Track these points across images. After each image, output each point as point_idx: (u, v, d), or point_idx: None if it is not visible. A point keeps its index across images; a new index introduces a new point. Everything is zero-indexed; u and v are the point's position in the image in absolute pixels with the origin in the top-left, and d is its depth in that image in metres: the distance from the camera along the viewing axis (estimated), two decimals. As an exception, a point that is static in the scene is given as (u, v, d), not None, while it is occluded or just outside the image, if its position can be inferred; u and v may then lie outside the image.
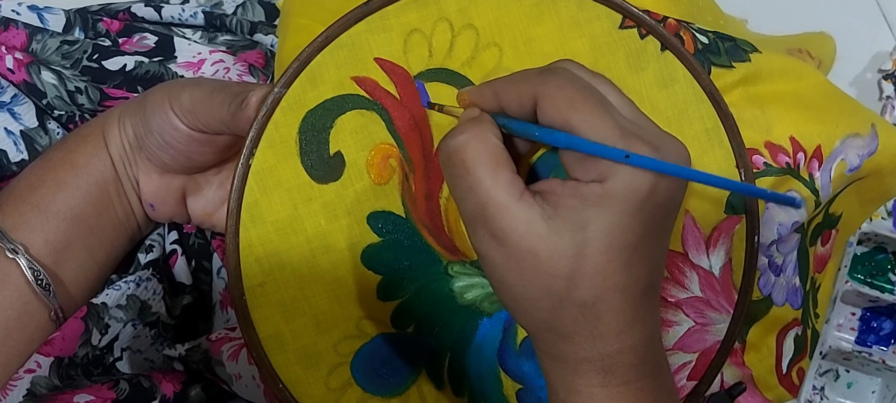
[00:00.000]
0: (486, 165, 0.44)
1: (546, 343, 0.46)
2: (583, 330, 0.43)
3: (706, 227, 0.57)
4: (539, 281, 0.43)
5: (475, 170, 0.44)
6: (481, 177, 0.43)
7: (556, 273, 0.42)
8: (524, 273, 0.43)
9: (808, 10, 0.92)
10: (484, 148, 0.44)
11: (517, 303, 0.45)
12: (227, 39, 0.77)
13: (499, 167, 0.44)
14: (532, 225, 0.42)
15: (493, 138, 0.45)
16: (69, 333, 0.55)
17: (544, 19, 0.55)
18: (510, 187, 0.43)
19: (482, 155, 0.44)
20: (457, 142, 0.45)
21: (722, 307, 0.56)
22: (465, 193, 0.44)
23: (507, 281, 0.44)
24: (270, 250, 0.53)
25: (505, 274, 0.44)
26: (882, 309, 0.81)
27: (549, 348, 0.46)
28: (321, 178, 0.53)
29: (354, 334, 0.54)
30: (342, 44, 0.53)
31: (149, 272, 0.62)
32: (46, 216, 0.56)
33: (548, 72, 0.44)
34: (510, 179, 0.43)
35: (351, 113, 0.54)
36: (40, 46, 0.68)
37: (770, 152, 0.59)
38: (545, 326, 0.45)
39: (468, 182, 0.44)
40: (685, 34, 0.59)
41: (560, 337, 0.44)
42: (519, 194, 0.43)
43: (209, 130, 0.56)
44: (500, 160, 0.44)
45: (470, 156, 0.44)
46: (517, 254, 0.43)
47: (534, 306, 0.44)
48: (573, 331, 0.44)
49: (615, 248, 0.42)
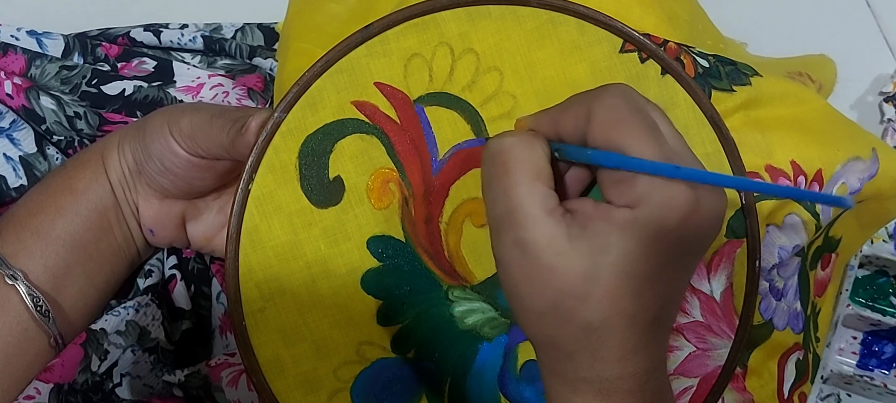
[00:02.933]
0: (526, 172, 0.43)
1: (548, 358, 0.46)
2: (584, 351, 0.43)
3: (707, 251, 0.56)
4: (549, 297, 0.42)
5: (514, 173, 0.43)
6: (518, 182, 0.43)
7: (567, 291, 0.42)
8: (537, 286, 0.43)
9: (809, 32, 0.92)
10: (529, 155, 0.44)
11: (525, 314, 0.45)
12: (226, 63, 0.77)
13: (538, 177, 0.43)
14: (555, 241, 0.42)
15: (541, 150, 0.45)
16: (68, 359, 0.55)
17: (545, 44, 0.55)
18: (544, 200, 0.43)
19: (526, 162, 0.44)
20: (504, 143, 0.45)
21: (723, 332, 0.56)
22: (498, 195, 0.44)
23: (520, 290, 0.44)
24: (270, 275, 0.53)
25: (518, 283, 0.44)
26: (883, 332, 0.81)
27: (551, 363, 0.45)
28: (321, 203, 0.53)
29: (355, 359, 0.54)
30: (342, 68, 0.53)
31: (148, 297, 0.62)
32: (46, 242, 0.56)
33: (602, 91, 0.44)
34: (545, 193, 0.43)
35: (351, 137, 0.53)
36: (39, 71, 0.68)
37: (771, 176, 0.59)
38: (549, 341, 0.44)
39: (504, 184, 0.44)
40: (685, 58, 0.59)
41: (562, 354, 0.44)
42: (550, 209, 0.43)
43: (209, 155, 0.56)
44: (541, 171, 0.44)
45: (513, 160, 0.44)
46: (535, 267, 0.42)
47: (540, 320, 0.44)
48: (575, 350, 0.43)
49: (629, 275, 0.41)
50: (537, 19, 0.55)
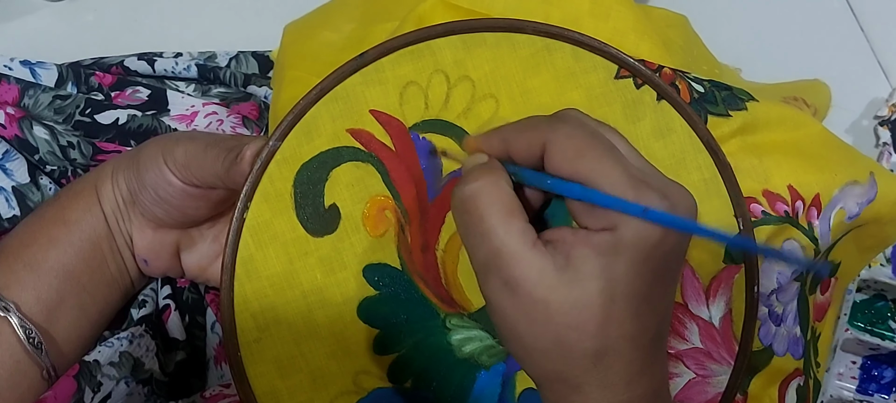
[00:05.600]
0: (499, 213, 0.43)
1: (554, 394, 0.45)
2: (593, 381, 0.43)
3: (705, 277, 0.56)
4: (550, 332, 0.42)
5: (488, 217, 0.43)
6: (494, 225, 0.43)
7: (567, 323, 0.41)
8: (535, 324, 0.42)
9: (803, 57, 0.93)
10: (497, 195, 0.44)
11: (527, 354, 0.44)
12: (220, 92, 0.77)
13: (512, 215, 0.43)
14: (544, 274, 0.42)
15: (506, 186, 0.44)
16: (61, 392, 0.55)
17: (540, 71, 0.55)
18: (523, 236, 0.42)
19: (496, 203, 0.43)
20: (470, 189, 0.44)
21: (722, 358, 0.56)
22: (477, 241, 0.44)
23: (518, 331, 0.43)
24: (266, 305, 0.53)
25: (515, 324, 0.43)
26: (883, 356, 0.81)
27: (558, 398, 0.45)
28: (317, 232, 0.53)
29: (351, 389, 0.54)
30: (337, 96, 0.53)
31: (142, 328, 0.62)
32: (38, 274, 0.56)
33: (556, 120, 0.44)
34: (523, 228, 0.43)
35: (346, 165, 0.53)
36: (32, 101, 0.68)
37: (768, 201, 0.59)
38: (555, 376, 0.44)
39: (481, 229, 0.43)
40: (681, 83, 0.59)
41: (569, 388, 0.44)
42: (532, 243, 0.42)
43: (203, 185, 0.55)
44: (513, 208, 0.43)
45: (483, 204, 0.43)
46: (529, 304, 0.42)
47: (544, 357, 0.43)
48: (583, 382, 0.43)
49: (626, 297, 0.41)
50: (532, 46, 0.55)
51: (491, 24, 0.54)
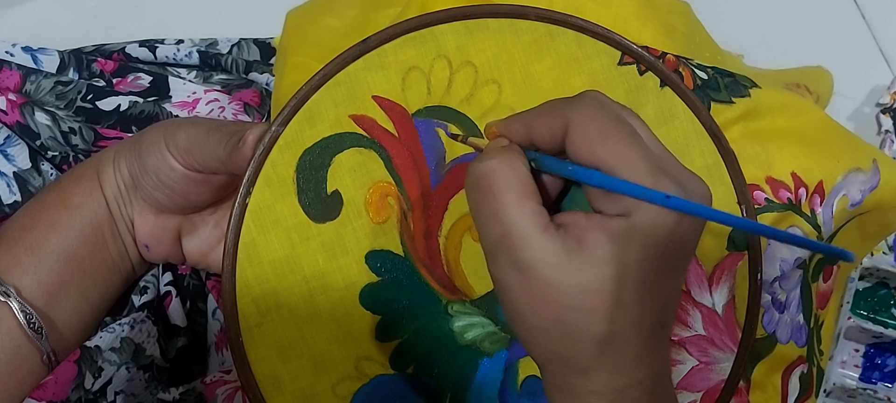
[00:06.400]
0: (513, 193, 0.43)
1: (555, 375, 0.45)
2: (596, 364, 0.43)
3: (708, 264, 0.56)
4: (553, 313, 0.42)
5: (502, 196, 0.43)
6: (507, 204, 0.43)
7: (572, 306, 0.41)
8: (539, 303, 0.42)
9: (805, 44, 0.93)
10: (513, 175, 0.43)
11: (529, 333, 0.44)
12: (222, 78, 0.77)
13: (526, 196, 0.43)
14: (555, 257, 0.41)
15: (523, 167, 0.44)
16: (62, 377, 0.55)
17: (543, 56, 0.55)
18: (536, 217, 0.42)
19: (511, 182, 0.43)
20: (485, 167, 0.44)
21: (726, 345, 0.56)
22: (489, 219, 0.44)
23: (522, 310, 0.43)
24: (267, 290, 0.52)
25: (520, 303, 0.43)
26: (886, 344, 0.81)
27: (558, 380, 0.45)
28: (319, 217, 0.53)
29: (353, 375, 0.54)
30: (340, 81, 0.53)
31: (143, 314, 0.61)
32: (39, 258, 0.55)
33: (577, 101, 0.44)
34: (536, 210, 0.43)
35: (349, 151, 0.53)
36: (34, 87, 0.68)
37: (771, 188, 0.59)
38: (556, 358, 0.44)
39: (493, 208, 0.43)
40: (684, 70, 0.59)
41: (571, 370, 0.44)
42: (544, 226, 0.42)
43: (205, 170, 0.55)
44: (527, 189, 0.43)
45: (498, 182, 0.43)
46: (536, 285, 0.42)
47: (545, 337, 0.43)
48: (587, 366, 0.43)
49: (634, 282, 0.41)
50: (535, 32, 0.54)
51: (494, 9, 0.54)
